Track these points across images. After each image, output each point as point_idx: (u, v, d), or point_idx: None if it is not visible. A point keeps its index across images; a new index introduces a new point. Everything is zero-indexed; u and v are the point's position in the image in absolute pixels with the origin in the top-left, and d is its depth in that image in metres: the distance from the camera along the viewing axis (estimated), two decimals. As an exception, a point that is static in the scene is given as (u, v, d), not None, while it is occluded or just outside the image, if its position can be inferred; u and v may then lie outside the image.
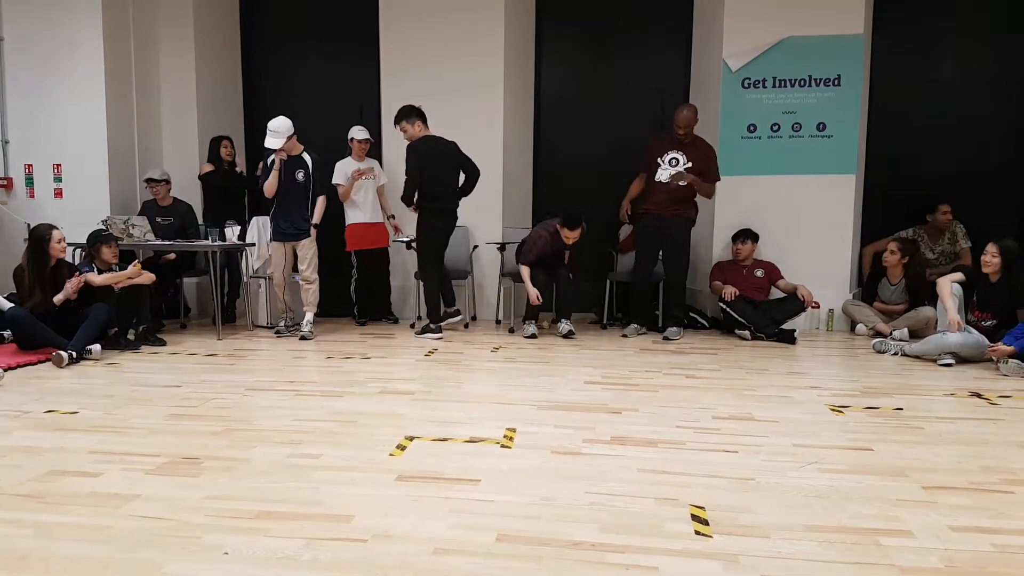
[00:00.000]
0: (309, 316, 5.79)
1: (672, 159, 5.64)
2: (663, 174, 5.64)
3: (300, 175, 5.61)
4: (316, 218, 5.68)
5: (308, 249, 5.69)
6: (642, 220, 5.78)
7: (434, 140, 5.53)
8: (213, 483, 2.52)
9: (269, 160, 5.63)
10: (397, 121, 5.55)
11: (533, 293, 5.60)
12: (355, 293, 6.37)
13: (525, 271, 5.63)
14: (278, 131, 5.48)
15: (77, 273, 4.93)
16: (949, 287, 4.88)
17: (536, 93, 7.09)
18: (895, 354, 5.05)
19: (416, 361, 4.80)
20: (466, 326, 6.17)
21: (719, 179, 5.76)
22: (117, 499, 2.36)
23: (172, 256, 6.12)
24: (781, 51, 6.08)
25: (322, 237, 5.77)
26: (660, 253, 5.81)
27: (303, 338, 5.62)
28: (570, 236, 5.55)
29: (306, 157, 5.65)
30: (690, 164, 5.61)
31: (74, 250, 5.56)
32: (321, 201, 5.70)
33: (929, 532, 2.14)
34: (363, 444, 2.96)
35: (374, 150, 6.42)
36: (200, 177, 6.47)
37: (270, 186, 5.59)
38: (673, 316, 5.78)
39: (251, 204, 6.72)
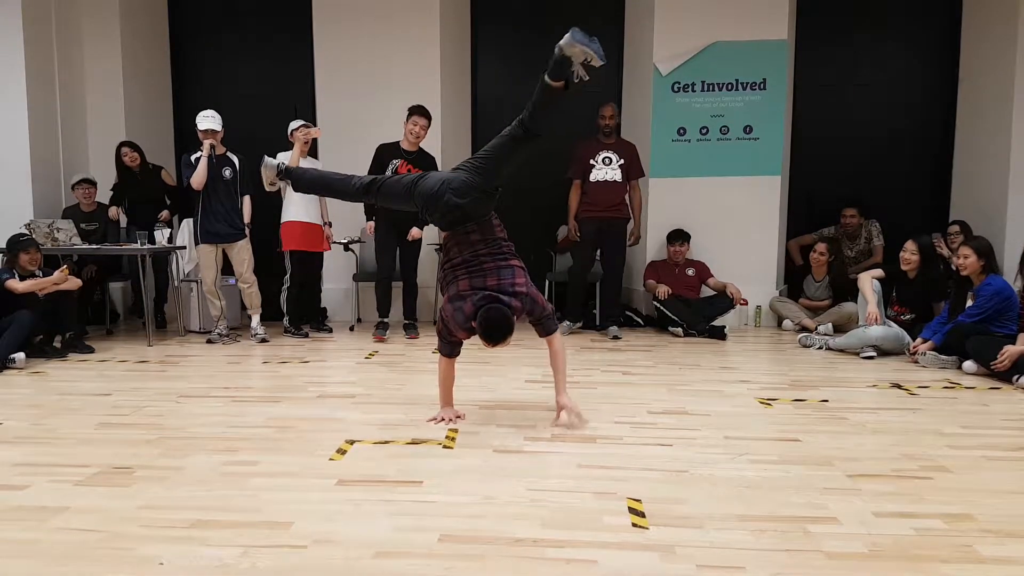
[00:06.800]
0: (256, 319, 5.70)
1: (606, 158, 5.75)
2: (599, 174, 5.74)
3: (228, 172, 5.48)
4: (246, 218, 5.60)
5: (244, 251, 5.58)
6: (582, 223, 5.84)
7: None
8: (147, 493, 2.45)
9: (194, 156, 5.40)
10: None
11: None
12: (288, 302, 5.86)
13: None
14: (215, 116, 5.41)
15: None
16: (870, 283, 5.09)
17: (473, 94, 7.09)
18: (820, 348, 5.25)
19: (356, 364, 4.76)
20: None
21: (642, 175, 5.96)
22: (45, 512, 2.28)
23: (94, 268, 5.94)
24: (709, 56, 6.24)
25: (254, 237, 5.68)
26: (598, 252, 5.91)
27: (263, 341, 5.55)
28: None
29: (232, 156, 5.54)
30: (623, 161, 5.76)
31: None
32: (248, 201, 5.62)
33: (854, 518, 2.23)
34: (302, 449, 2.93)
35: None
36: (113, 188, 6.24)
37: (199, 177, 5.33)
38: (614, 315, 5.88)
39: (180, 206, 6.48)
